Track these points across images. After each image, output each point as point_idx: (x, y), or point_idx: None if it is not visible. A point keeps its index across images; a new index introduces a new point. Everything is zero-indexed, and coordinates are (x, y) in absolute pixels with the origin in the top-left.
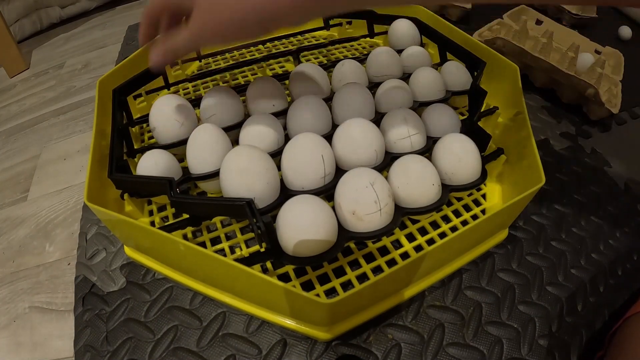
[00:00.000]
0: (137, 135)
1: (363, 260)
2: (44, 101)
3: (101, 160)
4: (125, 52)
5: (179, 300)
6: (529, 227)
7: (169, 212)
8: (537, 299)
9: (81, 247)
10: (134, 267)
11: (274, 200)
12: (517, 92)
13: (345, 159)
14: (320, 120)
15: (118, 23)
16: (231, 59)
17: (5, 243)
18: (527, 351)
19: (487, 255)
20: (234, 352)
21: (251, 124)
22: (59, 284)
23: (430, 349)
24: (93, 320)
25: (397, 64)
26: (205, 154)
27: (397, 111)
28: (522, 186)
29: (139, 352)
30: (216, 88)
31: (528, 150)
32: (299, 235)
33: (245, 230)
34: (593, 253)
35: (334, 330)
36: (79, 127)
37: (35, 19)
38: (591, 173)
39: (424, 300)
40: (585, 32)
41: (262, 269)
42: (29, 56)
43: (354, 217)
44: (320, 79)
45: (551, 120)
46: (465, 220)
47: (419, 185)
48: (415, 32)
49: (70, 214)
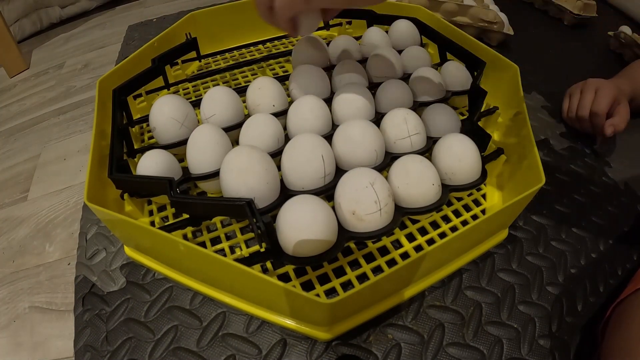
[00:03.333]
0: (137, 135)
1: (363, 260)
2: (44, 101)
3: (101, 160)
4: (125, 52)
5: (179, 300)
6: (529, 227)
7: (169, 212)
8: (537, 299)
9: (81, 247)
10: (134, 267)
11: (274, 200)
12: (517, 92)
13: (345, 159)
14: (320, 120)
15: (118, 23)
16: (231, 59)
17: (5, 243)
18: (527, 351)
19: (487, 255)
20: (234, 352)
21: (251, 124)
22: (59, 284)
23: (430, 349)
24: (93, 320)
25: (397, 64)
26: (205, 154)
27: (397, 111)
28: (522, 186)
29: (139, 352)
30: (216, 88)
31: (528, 150)
32: (299, 235)
33: (245, 230)
34: (593, 253)
35: (334, 330)
36: (79, 127)
37: (35, 19)
38: (591, 173)
39: (424, 300)
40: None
41: (262, 269)
42: (29, 56)
43: (354, 217)
44: (320, 79)
45: (551, 120)
46: (465, 220)
47: (419, 185)
48: (415, 32)
49: (70, 214)
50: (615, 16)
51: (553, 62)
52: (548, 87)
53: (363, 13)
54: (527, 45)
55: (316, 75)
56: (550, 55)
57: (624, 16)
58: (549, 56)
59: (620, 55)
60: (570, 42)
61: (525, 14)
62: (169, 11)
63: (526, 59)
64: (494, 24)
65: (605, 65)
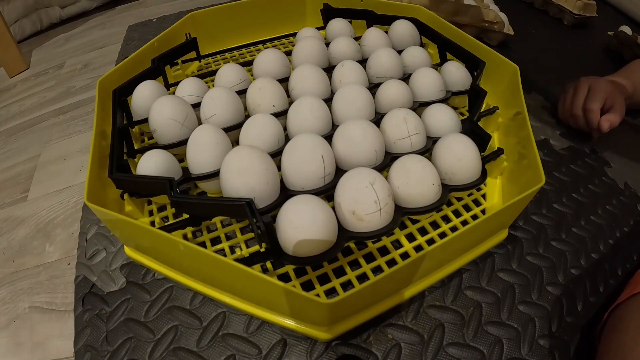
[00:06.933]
0: (137, 136)
1: (363, 260)
2: (44, 101)
3: (101, 160)
4: (125, 52)
5: (179, 300)
6: (529, 227)
7: (169, 212)
8: (537, 299)
9: (81, 247)
10: (134, 267)
11: (274, 200)
12: (517, 92)
13: (345, 159)
14: (320, 120)
15: (118, 23)
16: (231, 59)
17: (5, 243)
18: (527, 351)
19: (487, 255)
20: (234, 352)
21: (251, 124)
22: (59, 284)
23: (430, 349)
24: (93, 320)
25: (397, 64)
26: (205, 154)
27: (397, 111)
28: (522, 186)
29: (139, 352)
30: (216, 88)
31: (528, 150)
32: (299, 235)
33: (245, 230)
34: (593, 253)
35: (334, 330)
36: (79, 127)
37: (35, 19)
38: (591, 173)
39: (424, 300)
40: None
41: (262, 269)
42: (29, 56)
43: (354, 217)
44: (320, 79)
45: (551, 120)
46: (465, 220)
47: (419, 185)
48: (415, 32)
49: (70, 214)
50: (615, 16)
51: (553, 62)
52: (548, 87)
53: (363, 13)
54: (527, 45)
55: (316, 75)
56: (550, 55)
57: (624, 16)
58: (549, 56)
59: (620, 55)
60: (570, 42)
61: (525, 14)
62: (169, 11)
63: (526, 59)
64: (494, 24)
65: (605, 65)
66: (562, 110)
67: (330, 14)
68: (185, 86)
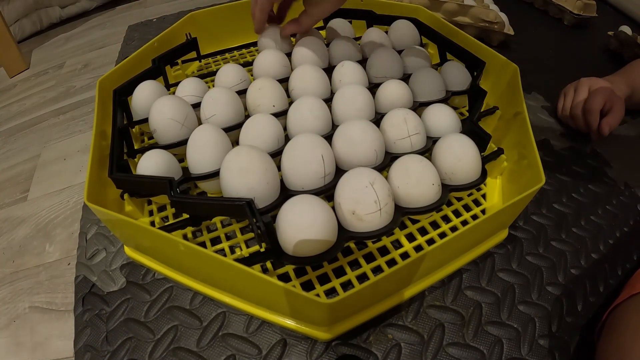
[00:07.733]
0: (137, 136)
1: (363, 260)
2: (44, 101)
3: (101, 160)
4: (125, 52)
5: (179, 300)
6: (529, 227)
7: (169, 212)
8: (537, 299)
9: (81, 247)
10: (134, 267)
11: (274, 200)
12: (517, 92)
13: (345, 159)
14: (320, 120)
15: (118, 23)
16: (231, 59)
17: (5, 243)
18: (527, 351)
19: (487, 255)
20: (234, 352)
21: (251, 124)
22: (59, 284)
23: (430, 349)
24: (93, 320)
25: (397, 64)
26: (205, 154)
27: (397, 111)
28: (522, 186)
29: (139, 352)
30: (216, 88)
31: (528, 150)
32: (299, 235)
33: (245, 230)
34: (593, 253)
35: (334, 330)
36: (79, 127)
37: (35, 19)
38: (591, 173)
39: (424, 300)
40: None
41: (262, 269)
42: (29, 56)
43: (354, 217)
44: (320, 79)
45: (551, 120)
46: (465, 220)
47: (419, 185)
48: (415, 32)
49: (70, 214)
50: (615, 16)
51: (553, 62)
52: (548, 87)
53: (363, 13)
54: (527, 45)
55: (316, 75)
56: (550, 55)
57: (624, 16)
58: (549, 56)
59: (620, 55)
60: (570, 42)
61: (525, 14)
62: (169, 11)
63: (526, 59)
64: (494, 24)
65: (605, 65)
66: (562, 111)
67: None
68: (185, 86)
